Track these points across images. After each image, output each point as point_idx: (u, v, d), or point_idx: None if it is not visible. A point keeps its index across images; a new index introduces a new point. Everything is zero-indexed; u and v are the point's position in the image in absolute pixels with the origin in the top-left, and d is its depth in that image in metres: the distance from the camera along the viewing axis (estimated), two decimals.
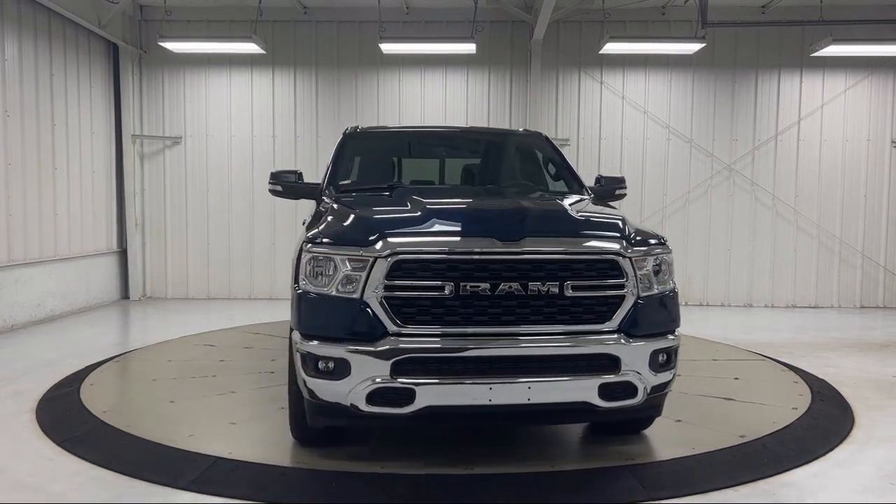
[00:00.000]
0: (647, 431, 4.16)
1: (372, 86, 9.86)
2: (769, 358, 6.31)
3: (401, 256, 3.24)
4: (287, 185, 4.70)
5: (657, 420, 4.33)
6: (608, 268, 3.38)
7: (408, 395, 3.20)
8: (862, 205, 9.84)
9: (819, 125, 9.80)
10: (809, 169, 9.83)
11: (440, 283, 3.23)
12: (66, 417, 4.46)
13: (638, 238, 3.56)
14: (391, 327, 3.24)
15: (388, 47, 8.83)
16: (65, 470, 3.62)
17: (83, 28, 8.78)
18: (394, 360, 3.19)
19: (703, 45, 8.72)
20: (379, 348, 3.21)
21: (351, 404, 3.23)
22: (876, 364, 6.21)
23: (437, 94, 9.85)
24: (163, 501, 3.27)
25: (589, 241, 3.47)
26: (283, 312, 8.12)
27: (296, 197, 4.82)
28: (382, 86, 9.86)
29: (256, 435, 4.11)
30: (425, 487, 3.45)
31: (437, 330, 3.26)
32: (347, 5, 9.51)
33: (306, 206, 5.09)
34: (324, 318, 3.36)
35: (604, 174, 5.01)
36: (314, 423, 3.56)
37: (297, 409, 3.67)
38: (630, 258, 3.42)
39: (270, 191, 4.78)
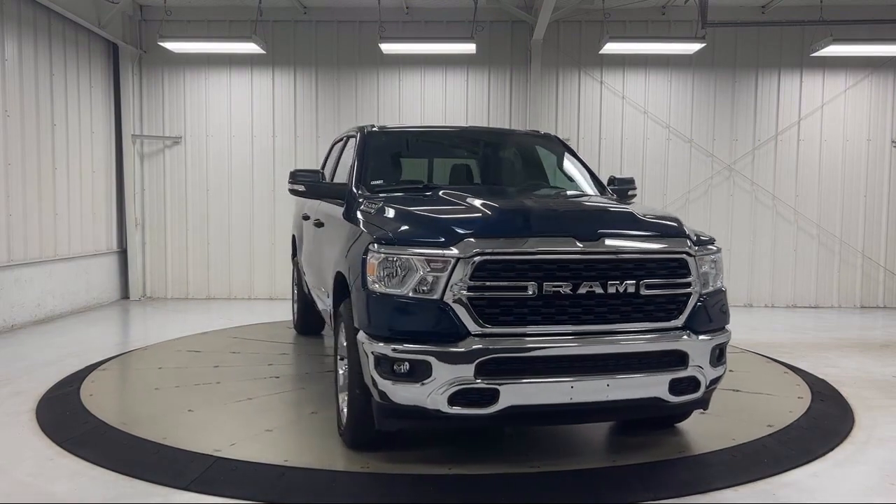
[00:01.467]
0: (646, 433, 4.16)
1: (372, 86, 9.86)
2: (769, 358, 6.31)
3: (485, 257, 3.24)
4: (310, 184, 4.62)
5: (653, 423, 4.35)
6: (678, 266, 3.49)
7: (491, 396, 3.22)
8: (862, 205, 9.84)
9: (819, 125, 9.80)
10: (809, 169, 9.83)
11: (523, 283, 3.25)
12: (66, 417, 4.46)
13: (697, 237, 3.69)
14: (473, 328, 3.23)
15: (388, 47, 8.83)
16: (65, 470, 3.62)
17: (83, 28, 8.78)
18: (478, 360, 3.18)
19: (703, 45, 8.72)
20: (463, 349, 3.19)
21: (432, 406, 3.22)
22: (876, 364, 6.21)
23: (437, 94, 9.85)
24: (163, 501, 3.27)
25: (660, 240, 3.57)
26: (283, 313, 8.17)
27: (317, 197, 4.74)
28: (382, 86, 9.86)
29: (292, 440, 4.10)
30: (457, 486, 3.45)
31: (520, 330, 3.28)
32: (347, 5, 9.51)
33: (294, 205, 5.08)
34: (400, 319, 3.33)
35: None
36: (384, 426, 3.51)
37: (360, 412, 3.59)
38: (695, 256, 3.54)
39: (291, 191, 4.70)
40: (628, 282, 3.36)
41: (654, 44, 9.22)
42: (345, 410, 3.85)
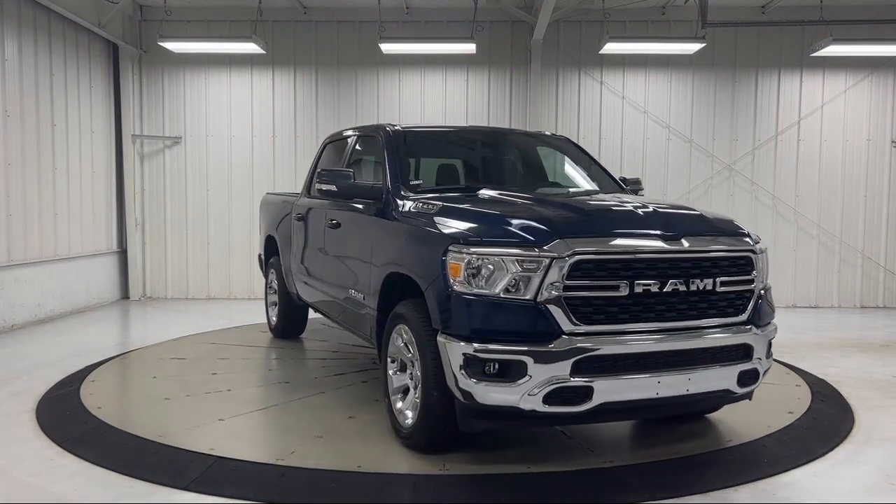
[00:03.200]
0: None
1: (372, 86, 9.86)
2: None
3: (581, 257, 3.27)
4: (344, 185, 4.56)
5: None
6: (745, 263, 3.66)
7: (585, 393, 3.26)
8: (862, 205, 9.84)
9: (819, 125, 9.80)
10: (809, 169, 9.83)
11: (615, 282, 3.32)
12: (66, 417, 4.46)
13: (755, 236, 3.88)
14: (567, 327, 3.25)
15: (388, 47, 8.83)
16: (65, 470, 3.62)
17: (83, 28, 8.78)
18: (575, 359, 3.21)
19: (703, 45, 8.72)
20: (560, 348, 3.21)
21: (526, 406, 3.23)
22: (876, 364, 6.22)
23: (437, 94, 9.85)
24: (163, 501, 3.27)
25: (729, 239, 3.72)
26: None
27: (350, 198, 4.67)
28: (382, 86, 9.86)
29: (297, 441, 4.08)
30: (488, 485, 3.44)
31: (611, 328, 3.33)
32: (347, 5, 9.50)
33: (260, 207, 5.01)
34: (490, 320, 3.30)
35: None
36: (468, 427, 3.52)
37: (436, 414, 3.57)
38: (757, 254, 3.72)
39: (322, 191, 4.63)
40: (706, 279, 3.48)
41: (654, 44, 9.22)
42: (407, 412, 3.84)
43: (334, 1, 9.48)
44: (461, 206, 3.92)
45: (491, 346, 3.23)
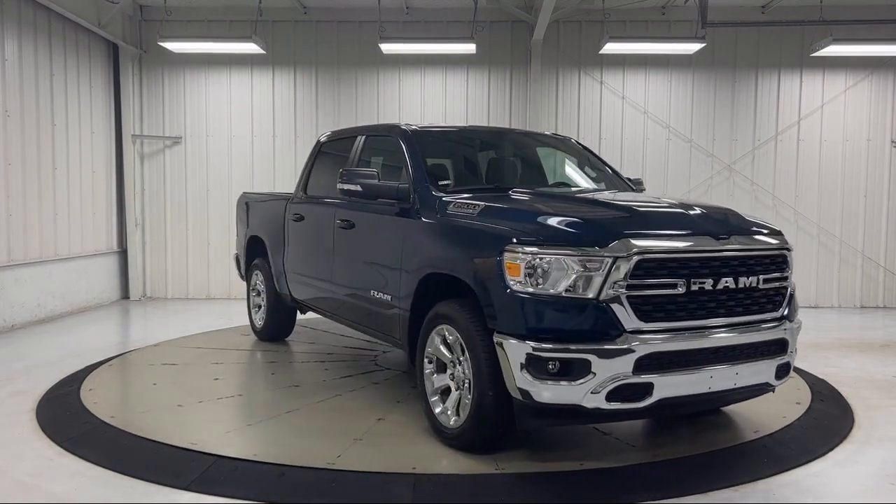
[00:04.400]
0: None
1: (372, 86, 9.86)
2: None
3: (644, 256, 3.33)
4: (369, 185, 4.52)
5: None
6: (781, 261, 3.81)
7: (646, 390, 3.32)
8: (862, 205, 9.84)
9: (819, 125, 9.80)
10: (809, 169, 9.83)
11: (673, 280, 3.40)
12: (66, 417, 4.45)
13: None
14: (629, 325, 3.31)
15: (388, 47, 8.83)
16: (65, 470, 3.62)
17: (83, 28, 8.78)
18: (638, 356, 3.27)
19: (703, 45, 8.72)
20: (625, 346, 3.26)
21: (590, 404, 3.27)
22: (876, 364, 6.22)
23: (437, 93, 9.85)
24: (163, 501, 3.27)
25: (769, 237, 3.84)
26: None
27: (374, 198, 4.61)
28: (382, 86, 9.86)
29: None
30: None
31: (670, 325, 3.41)
32: (347, 5, 9.51)
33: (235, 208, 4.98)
34: (551, 319, 3.33)
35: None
36: (526, 425, 3.57)
37: (490, 414, 3.57)
38: (791, 251, 3.88)
39: (346, 191, 4.59)
40: (752, 277, 3.61)
41: (654, 44, 9.22)
42: (450, 412, 3.84)
43: (334, 1, 9.48)
44: (506, 205, 3.95)
45: (554, 345, 3.27)
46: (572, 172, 5.47)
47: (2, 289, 7.37)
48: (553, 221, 3.60)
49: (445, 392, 3.93)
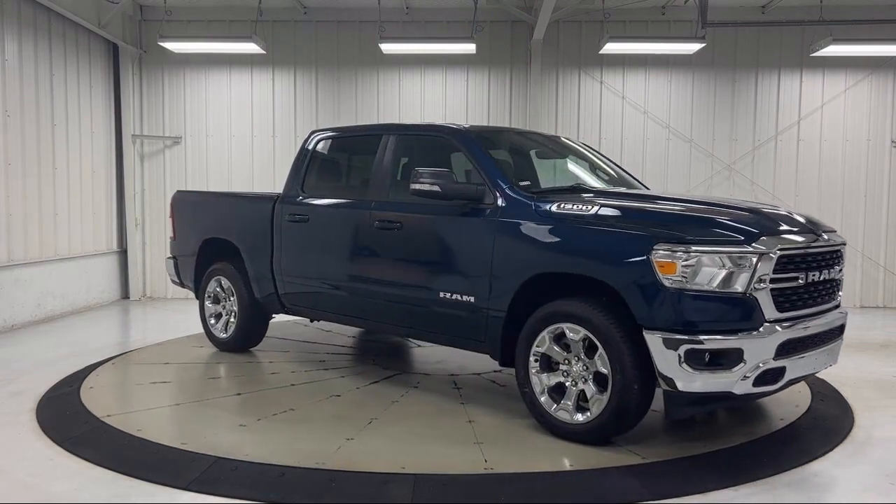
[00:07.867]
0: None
1: (372, 86, 9.86)
2: None
3: (783, 252, 3.70)
4: (448, 186, 4.43)
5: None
6: (842, 255, 4.26)
7: (780, 373, 3.70)
8: (862, 205, 9.84)
9: (819, 125, 9.80)
10: (809, 169, 9.83)
11: (798, 273, 3.82)
12: (66, 417, 4.45)
13: None
14: (770, 315, 3.66)
15: (388, 47, 8.84)
16: (65, 470, 3.62)
17: (83, 28, 8.78)
18: (779, 342, 3.63)
19: (703, 45, 8.72)
20: (770, 334, 3.62)
21: (740, 390, 3.58)
22: (876, 364, 6.22)
23: (437, 94, 9.85)
24: (163, 501, 3.27)
25: (835, 234, 4.26)
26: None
27: (450, 199, 4.49)
28: (382, 86, 9.86)
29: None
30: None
31: (795, 313, 3.82)
32: (347, 5, 9.51)
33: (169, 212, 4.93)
34: (707, 313, 3.60)
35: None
36: (677, 415, 3.89)
37: (636, 407, 3.76)
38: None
39: (422, 191, 4.46)
40: (835, 268, 4.11)
41: (653, 44, 9.22)
42: (568, 408, 3.99)
43: (334, 1, 9.48)
44: (631, 205, 4.12)
45: (711, 337, 3.54)
46: (615, 174, 5.55)
47: (2, 289, 7.37)
48: (698, 222, 3.88)
49: (557, 389, 4.06)
